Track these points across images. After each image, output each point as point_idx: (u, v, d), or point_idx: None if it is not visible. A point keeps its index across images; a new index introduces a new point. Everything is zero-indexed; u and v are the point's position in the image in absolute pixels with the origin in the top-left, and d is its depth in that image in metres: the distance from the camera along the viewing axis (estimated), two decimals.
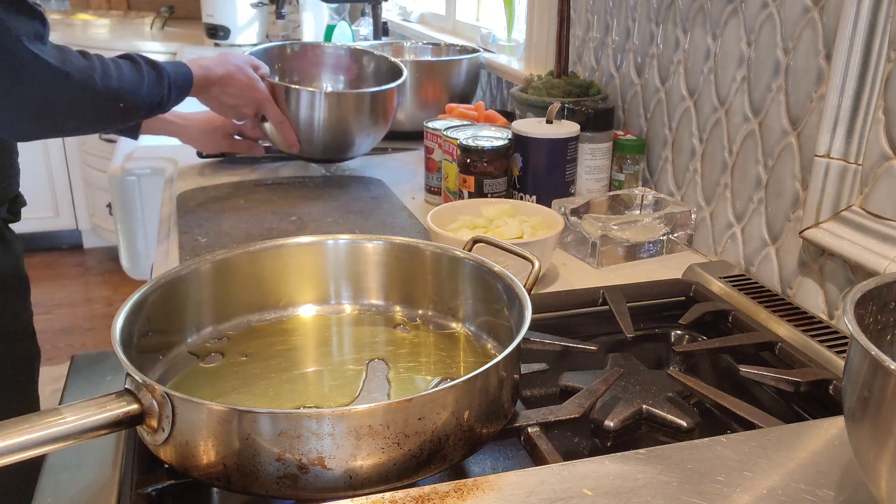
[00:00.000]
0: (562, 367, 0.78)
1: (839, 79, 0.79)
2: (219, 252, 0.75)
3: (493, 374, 0.58)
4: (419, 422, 0.53)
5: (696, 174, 1.09)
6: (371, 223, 1.18)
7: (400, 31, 2.59)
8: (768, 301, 0.89)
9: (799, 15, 0.88)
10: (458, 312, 0.77)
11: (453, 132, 1.20)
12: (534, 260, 0.73)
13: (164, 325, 0.70)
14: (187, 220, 1.17)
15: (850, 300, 0.51)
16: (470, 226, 1.00)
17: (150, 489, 0.57)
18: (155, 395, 0.54)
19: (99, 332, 2.97)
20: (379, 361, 0.71)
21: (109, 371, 0.77)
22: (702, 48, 1.06)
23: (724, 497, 0.53)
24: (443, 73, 1.68)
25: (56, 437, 0.52)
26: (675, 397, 0.73)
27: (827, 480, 0.55)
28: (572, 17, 1.37)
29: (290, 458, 0.52)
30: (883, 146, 0.78)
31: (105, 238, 3.59)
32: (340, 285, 0.79)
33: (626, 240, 1.05)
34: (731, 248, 1.03)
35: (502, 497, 0.52)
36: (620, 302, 0.88)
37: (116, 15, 3.85)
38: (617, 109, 1.30)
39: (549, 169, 1.14)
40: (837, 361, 0.76)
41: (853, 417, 0.49)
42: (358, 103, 1.33)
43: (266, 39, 3.01)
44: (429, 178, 1.28)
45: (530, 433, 0.62)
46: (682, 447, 0.58)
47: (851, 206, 0.82)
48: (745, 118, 0.98)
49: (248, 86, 1.23)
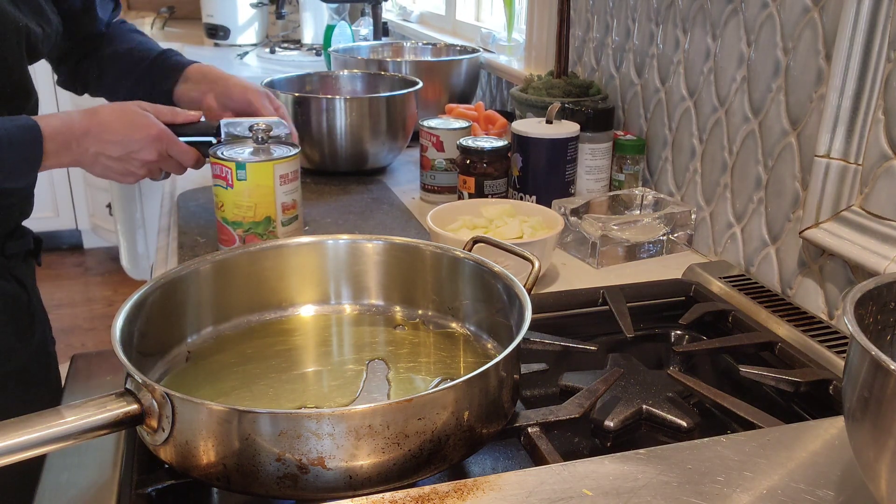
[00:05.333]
0: (562, 367, 0.78)
1: (839, 79, 0.79)
2: (219, 252, 0.75)
3: (493, 374, 0.58)
4: (419, 422, 0.53)
5: (696, 174, 1.09)
6: (371, 223, 1.18)
7: (400, 31, 2.59)
8: (768, 301, 0.89)
9: (799, 15, 0.88)
10: (458, 312, 0.76)
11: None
12: (534, 260, 0.73)
13: (164, 325, 0.70)
14: (187, 220, 1.17)
15: (850, 300, 0.51)
16: (470, 226, 1.00)
17: (150, 489, 0.57)
18: (155, 395, 0.54)
19: (99, 332, 2.97)
20: (379, 361, 0.71)
21: (109, 371, 0.77)
22: (702, 48, 1.06)
23: (724, 497, 0.53)
24: (443, 73, 1.68)
25: (56, 437, 0.52)
26: (675, 397, 0.73)
27: (827, 480, 0.55)
28: (572, 18, 1.37)
29: (290, 458, 0.52)
30: (883, 146, 0.78)
31: (105, 238, 3.59)
32: (340, 285, 0.79)
33: (626, 240, 1.05)
34: (731, 248, 1.03)
35: (502, 497, 0.52)
36: (620, 302, 0.88)
37: None
38: (617, 109, 1.30)
39: (549, 169, 1.14)
40: (837, 361, 0.76)
41: (853, 417, 0.49)
42: (375, 109, 1.34)
43: (266, 39, 3.01)
44: (423, 175, 1.29)
45: (530, 433, 0.62)
46: (682, 447, 0.58)
47: (851, 206, 0.82)
48: (745, 118, 0.98)
49: (134, 125, 0.94)
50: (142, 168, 0.97)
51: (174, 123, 0.99)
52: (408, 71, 1.61)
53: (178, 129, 1.00)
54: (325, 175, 1.39)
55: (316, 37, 2.82)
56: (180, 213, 1.20)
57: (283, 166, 0.98)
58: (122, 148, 0.93)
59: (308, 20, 2.84)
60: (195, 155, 1.01)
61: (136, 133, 0.94)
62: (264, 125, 1.00)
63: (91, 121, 0.92)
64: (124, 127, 0.93)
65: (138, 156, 0.95)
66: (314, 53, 2.69)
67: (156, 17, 3.52)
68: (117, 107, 0.95)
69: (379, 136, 1.36)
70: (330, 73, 1.61)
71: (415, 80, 1.49)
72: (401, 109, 1.38)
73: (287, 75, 1.50)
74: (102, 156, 0.93)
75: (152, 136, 0.95)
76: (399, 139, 1.40)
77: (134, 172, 0.97)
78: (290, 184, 0.99)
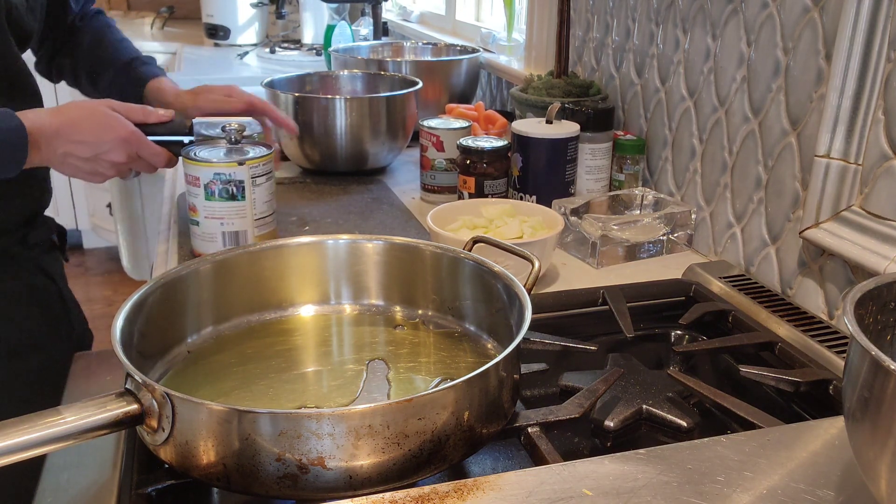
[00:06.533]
0: (562, 367, 0.78)
1: (839, 79, 0.79)
2: (219, 252, 0.75)
3: (493, 374, 0.58)
4: (419, 422, 0.53)
5: (696, 174, 1.09)
6: (371, 223, 1.18)
7: (400, 31, 2.59)
8: (768, 301, 0.89)
9: (799, 15, 0.88)
10: (458, 312, 0.76)
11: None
12: (534, 260, 0.73)
13: (164, 325, 0.70)
14: (187, 220, 1.17)
15: (850, 300, 0.51)
16: (470, 226, 1.00)
17: (150, 489, 0.57)
18: (155, 395, 0.54)
19: (99, 332, 2.96)
20: (379, 361, 0.71)
21: (109, 371, 0.77)
22: (702, 48, 1.06)
23: (724, 497, 0.53)
24: (443, 73, 1.68)
25: (56, 437, 0.52)
26: (675, 397, 0.73)
27: (827, 480, 0.55)
28: (572, 18, 1.37)
29: (290, 458, 0.52)
30: (883, 146, 0.78)
31: (105, 238, 3.59)
32: (340, 285, 0.79)
33: (626, 240, 1.05)
34: (731, 248, 1.03)
35: (502, 497, 0.52)
36: (620, 302, 0.88)
37: (116, 15, 3.85)
38: (617, 109, 1.30)
39: (549, 169, 1.14)
40: (837, 361, 0.76)
41: (853, 417, 0.49)
42: (375, 109, 1.34)
43: (266, 39, 3.01)
44: (423, 175, 1.28)
45: (530, 433, 0.62)
46: (682, 447, 0.58)
47: (851, 206, 0.82)
48: (745, 118, 0.98)
49: (104, 126, 0.92)
50: (111, 169, 0.95)
51: (146, 123, 0.98)
52: (408, 71, 1.61)
53: (150, 128, 0.98)
54: (325, 175, 1.39)
55: (316, 37, 2.82)
56: (180, 213, 1.20)
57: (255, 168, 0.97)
58: (91, 149, 0.91)
59: (308, 20, 2.83)
60: (166, 156, 0.99)
61: (105, 134, 0.92)
62: (237, 125, 0.99)
63: (60, 120, 0.90)
64: (94, 127, 0.92)
65: (107, 157, 0.93)
66: (314, 53, 2.69)
67: (156, 17, 3.51)
68: (87, 106, 0.93)
69: (379, 136, 1.36)
70: (330, 73, 1.61)
71: (415, 80, 1.49)
72: (401, 109, 1.38)
73: (287, 75, 1.50)
74: (71, 156, 0.91)
75: (121, 137, 0.93)
76: (399, 139, 1.40)
77: (103, 173, 0.95)
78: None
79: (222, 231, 0.99)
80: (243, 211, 0.98)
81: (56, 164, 0.92)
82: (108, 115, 0.93)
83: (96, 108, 0.93)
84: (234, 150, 0.98)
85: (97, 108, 0.93)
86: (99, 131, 0.92)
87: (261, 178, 0.98)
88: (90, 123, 0.91)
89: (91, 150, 0.92)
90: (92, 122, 0.92)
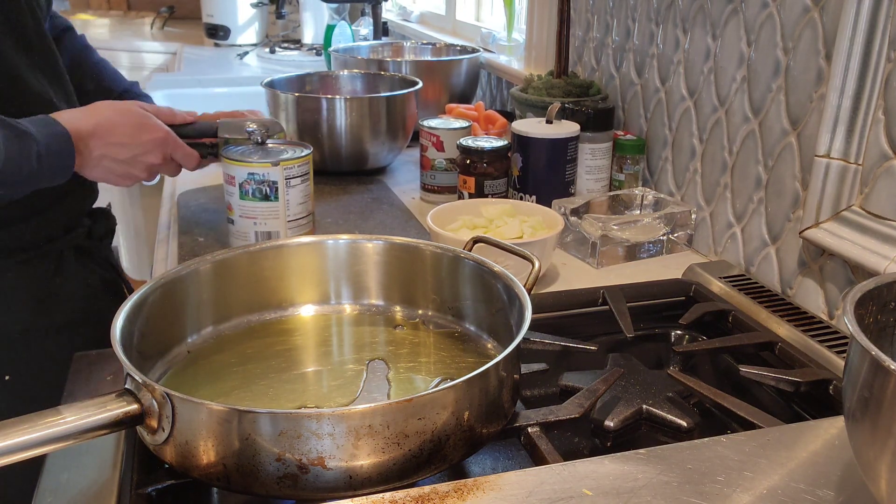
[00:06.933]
0: (562, 367, 0.78)
1: (839, 79, 0.79)
2: (219, 252, 0.75)
3: (493, 374, 0.58)
4: (419, 422, 0.53)
5: (696, 174, 1.09)
6: (371, 223, 1.18)
7: (400, 31, 2.59)
8: (768, 301, 0.89)
9: (799, 15, 0.88)
10: (458, 312, 0.76)
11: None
12: (534, 260, 0.73)
13: (164, 325, 0.70)
14: (187, 220, 1.17)
15: (850, 300, 0.51)
16: (470, 226, 1.00)
17: (150, 489, 0.57)
18: (155, 395, 0.54)
19: None
20: (379, 361, 0.71)
21: (109, 371, 0.77)
22: (702, 48, 1.06)
23: (724, 497, 0.53)
24: (443, 73, 1.68)
25: (56, 437, 0.52)
26: (675, 397, 0.73)
27: (827, 480, 0.55)
28: (572, 17, 1.37)
29: (290, 458, 0.52)
30: (883, 146, 0.78)
31: None
32: (340, 285, 0.79)
33: (626, 240, 1.05)
34: (731, 248, 1.03)
35: (502, 497, 0.52)
36: (620, 302, 0.88)
37: (116, 15, 3.85)
38: (617, 109, 1.30)
39: (549, 169, 1.14)
40: (837, 361, 0.76)
41: (853, 417, 0.49)
42: (375, 109, 1.34)
43: (266, 39, 3.01)
44: (423, 175, 1.28)
45: (530, 433, 0.62)
46: (682, 447, 0.58)
47: (851, 206, 0.82)
48: (745, 118, 0.98)
49: (141, 127, 0.90)
50: (144, 171, 0.94)
51: (173, 124, 0.97)
52: (408, 71, 1.62)
53: (177, 129, 0.98)
54: (325, 175, 1.39)
55: (316, 37, 2.82)
56: (180, 213, 1.20)
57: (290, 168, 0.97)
58: (129, 151, 0.89)
59: (308, 20, 2.83)
60: (197, 158, 0.99)
61: (143, 135, 0.90)
62: (260, 125, 0.99)
63: (96, 121, 0.87)
64: (131, 129, 0.89)
65: (144, 158, 0.91)
66: (314, 53, 2.69)
67: (156, 17, 3.51)
68: (120, 106, 0.91)
69: (379, 136, 1.36)
70: (330, 73, 1.61)
71: (415, 80, 1.49)
72: (401, 109, 1.38)
73: (287, 75, 1.50)
74: (107, 158, 0.89)
75: (159, 139, 0.92)
76: (399, 139, 1.40)
77: (135, 175, 0.94)
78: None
79: (255, 231, 0.99)
80: (276, 211, 0.98)
81: (90, 167, 0.89)
82: (144, 116, 0.92)
83: (130, 109, 0.91)
84: (272, 151, 0.98)
85: (131, 109, 0.91)
86: (136, 132, 0.89)
87: (296, 180, 0.98)
88: (126, 124, 0.89)
89: (129, 151, 0.89)
90: (129, 123, 0.89)
